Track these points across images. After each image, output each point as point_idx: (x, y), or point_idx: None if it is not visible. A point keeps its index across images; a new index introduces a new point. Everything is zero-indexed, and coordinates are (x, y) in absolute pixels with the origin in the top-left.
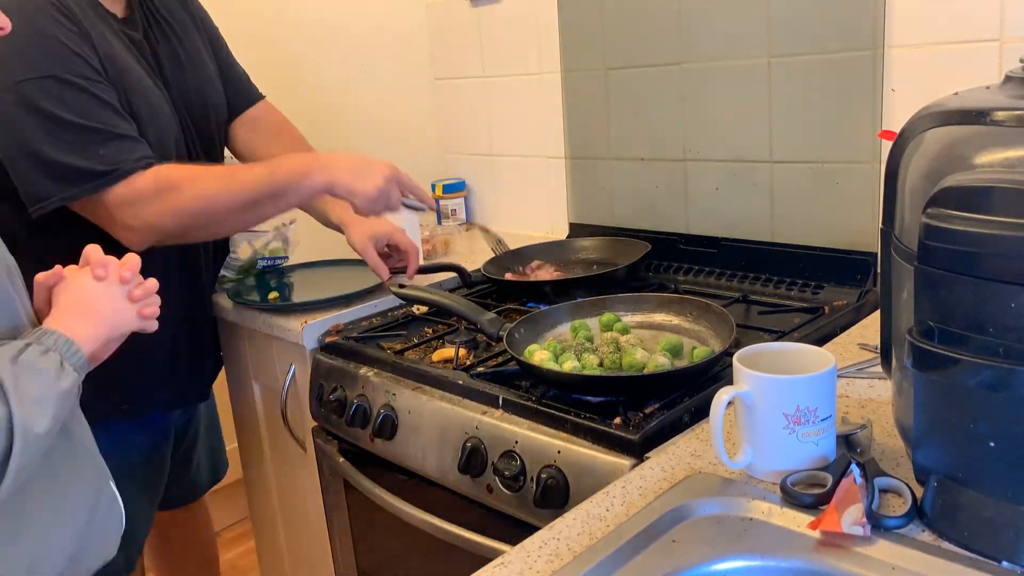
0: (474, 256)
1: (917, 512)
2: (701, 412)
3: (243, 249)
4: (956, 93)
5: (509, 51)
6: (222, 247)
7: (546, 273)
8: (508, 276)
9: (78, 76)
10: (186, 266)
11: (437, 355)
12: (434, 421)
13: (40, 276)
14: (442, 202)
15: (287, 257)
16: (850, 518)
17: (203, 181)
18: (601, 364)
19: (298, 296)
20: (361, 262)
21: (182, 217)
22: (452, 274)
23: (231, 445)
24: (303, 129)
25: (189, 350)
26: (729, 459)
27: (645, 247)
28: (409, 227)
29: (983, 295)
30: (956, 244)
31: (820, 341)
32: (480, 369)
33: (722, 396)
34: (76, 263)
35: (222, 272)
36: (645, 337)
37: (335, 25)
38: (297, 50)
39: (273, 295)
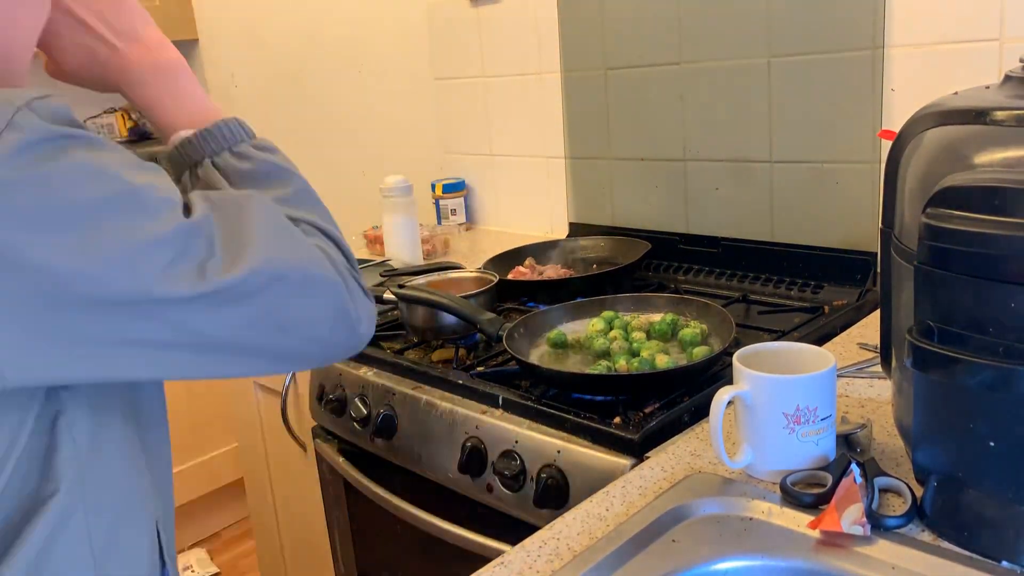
0: (474, 256)
1: (917, 512)
2: (701, 411)
3: None
4: (956, 93)
5: (509, 51)
6: None
7: (546, 273)
8: (509, 275)
9: None
10: None
11: (437, 355)
12: (434, 421)
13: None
14: (442, 202)
15: None
16: (850, 518)
17: None
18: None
19: None
20: (361, 261)
21: None
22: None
23: (231, 445)
24: (304, 127)
25: None
26: (729, 459)
27: (645, 246)
28: (407, 227)
29: (983, 295)
30: (956, 244)
31: (820, 341)
32: (480, 369)
33: (722, 396)
34: None
35: None
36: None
37: (335, 24)
38: (297, 49)
39: None
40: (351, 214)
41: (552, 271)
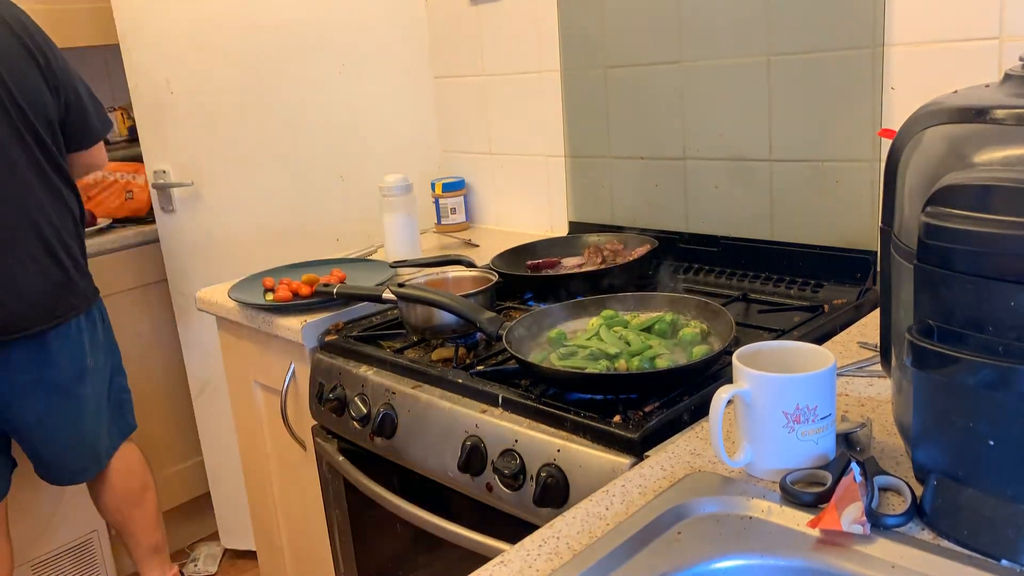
0: (476, 254)
1: (917, 510)
2: (701, 410)
3: None
4: (956, 91)
5: (509, 49)
6: None
7: (567, 266)
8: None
9: None
10: None
11: (436, 354)
12: (434, 420)
13: None
14: (442, 201)
15: None
16: (850, 516)
17: None
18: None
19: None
20: (362, 260)
21: None
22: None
23: (230, 444)
24: (306, 126)
25: None
26: (729, 458)
27: (652, 243)
28: (407, 226)
29: (982, 294)
30: (955, 242)
31: (820, 339)
32: (480, 368)
33: (722, 395)
34: None
35: None
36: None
37: (336, 23)
38: (298, 48)
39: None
40: (355, 213)
41: (565, 265)
